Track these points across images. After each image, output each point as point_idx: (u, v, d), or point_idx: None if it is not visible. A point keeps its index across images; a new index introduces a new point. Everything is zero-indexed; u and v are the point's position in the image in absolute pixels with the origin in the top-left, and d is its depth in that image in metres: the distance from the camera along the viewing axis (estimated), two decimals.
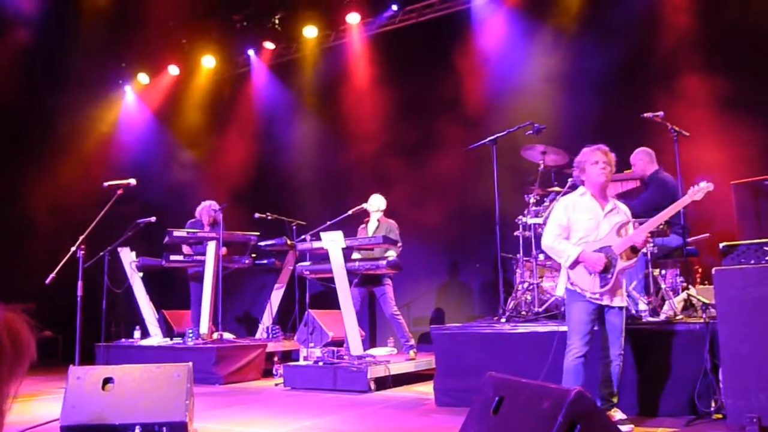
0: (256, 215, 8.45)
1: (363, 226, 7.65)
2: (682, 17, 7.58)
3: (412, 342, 7.25)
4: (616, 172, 6.32)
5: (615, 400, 4.17)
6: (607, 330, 4.21)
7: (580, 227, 4.28)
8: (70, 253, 5.50)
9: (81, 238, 5.55)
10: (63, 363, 5.35)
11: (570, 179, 6.15)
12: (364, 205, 7.50)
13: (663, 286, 5.22)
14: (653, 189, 5.86)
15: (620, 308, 4.21)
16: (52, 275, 5.40)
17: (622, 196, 6.06)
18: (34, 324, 1.22)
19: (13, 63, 9.54)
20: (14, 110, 9.89)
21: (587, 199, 4.33)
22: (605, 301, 4.17)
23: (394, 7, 9.72)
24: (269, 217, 8.50)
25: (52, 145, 10.48)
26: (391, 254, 7.07)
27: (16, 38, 9.71)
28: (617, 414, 4.07)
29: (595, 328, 4.22)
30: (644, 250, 5.25)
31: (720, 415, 4.19)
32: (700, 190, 4.14)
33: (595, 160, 4.25)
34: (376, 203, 7.54)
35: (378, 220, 7.52)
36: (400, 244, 7.28)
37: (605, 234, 4.21)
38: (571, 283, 4.26)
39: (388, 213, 7.67)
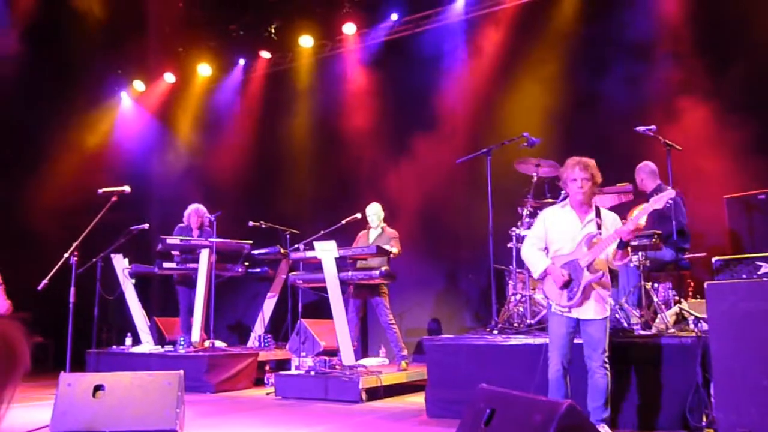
0: (250, 223, 8.44)
1: (364, 232, 7.63)
2: (677, 31, 7.64)
3: (405, 352, 7.24)
4: (609, 185, 6.41)
5: (605, 415, 4.10)
6: (586, 343, 4.22)
7: (556, 239, 4.32)
8: (63, 259, 5.49)
9: (74, 244, 5.54)
10: (54, 369, 5.32)
11: (563, 191, 6.18)
12: (360, 215, 7.51)
13: (655, 299, 5.23)
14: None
15: (600, 320, 4.17)
16: (45, 281, 5.38)
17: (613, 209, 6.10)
18: (29, 333, 1.23)
19: (8, 70, 9.51)
20: (10, 117, 9.86)
21: (567, 212, 4.36)
22: (575, 314, 4.18)
23: (394, 17, 9.73)
24: (263, 226, 8.49)
25: (48, 151, 10.45)
26: (392, 253, 7.09)
27: (11, 45, 9.69)
28: (602, 431, 4.05)
29: (576, 340, 4.25)
30: (636, 263, 5.28)
31: (711, 430, 4.19)
32: (660, 198, 4.09)
33: (573, 177, 4.26)
34: (376, 212, 7.54)
35: (382, 229, 7.52)
36: (398, 250, 7.27)
37: (576, 246, 4.22)
38: (544, 295, 4.34)
39: (386, 222, 7.66)
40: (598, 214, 4.29)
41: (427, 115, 9.27)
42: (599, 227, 4.22)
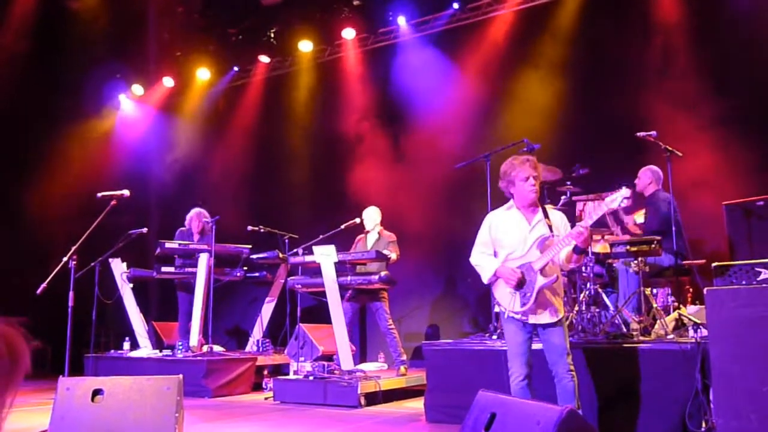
0: (249, 228, 8.43)
1: (361, 236, 7.63)
2: (676, 35, 7.66)
3: (404, 357, 7.23)
4: (608, 191, 6.41)
5: None
6: (548, 350, 4.09)
7: (506, 243, 4.15)
8: (62, 263, 5.47)
9: (73, 248, 5.53)
10: (52, 373, 5.31)
11: (563, 196, 6.19)
12: (359, 219, 7.51)
13: (654, 305, 5.23)
14: (650, 210, 5.92)
15: (557, 323, 4.04)
16: (44, 285, 5.37)
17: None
18: (29, 336, 1.24)
19: (8, 73, 9.52)
20: (8, 120, 9.86)
21: (513, 213, 4.18)
22: (531, 320, 4.04)
23: (402, 21, 9.71)
24: (262, 230, 8.49)
25: (47, 155, 10.44)
26: (390, 258, 7.08)
27: (10, 48, 9.69)
28: None
29: (537, 346, 4.14)
30: (635, 268, 5.28)
31: None
32: (614, 199, 3.93)
33: (525, 175, 4.08)
34: (373, 216, 7.54)
35: (378, 233, 7.52)
36: (397, 255, 7.26)
37: (528, 249, 4.06)
38: (496, 302, 4.18)
39: (383, 226, 7.66)
40: (546, 215, 4.15)
41: (426, 119, 9.28)
42: (551, 228, 4.09)
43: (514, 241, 4.12)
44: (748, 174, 6.70)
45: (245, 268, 8.67)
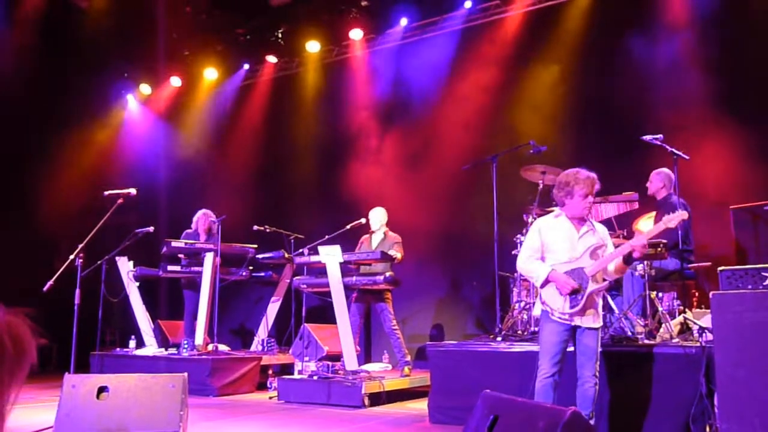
0: (255, 227, 8.45)
1: (366, 237, 7.64)
2: (684, 37, 7.65)
3: (408, 358, 7.23)
4: (615, 194, 6.41)
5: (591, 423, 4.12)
6: (580, 351, 4.18)
7: (555, 249, 4.25)
8: (69, 261, 5.50)
9: (80, 246, 5.56)
10: (58, 371, 5.33)
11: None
12: (364, 219, 7.52)
13: (660, 308, 5.22)
14: (661, 215, 5.91)
15: (594, 329, 4.16)
16: (50, 282, 5.40)
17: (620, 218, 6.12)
18: (35, 328, 1.23)
19: (16, 72, 9.56)
20: (17, 119, 9.90)
21: (562, 221, 4.29)
22: (576, 322, 4.13)
23: (404, 22, 9.73)
24: (267, 230, 8.50)
25: (56, 154, 10.48)
26: (395, 258, 7.09)
27: (19, 47, 9.74)
28: None
29: (569, 349, 4.22)
30: (640, 272, 5.27)
31: None
32: (673, 218, 4.09)
33: (586, 192, 4.18)
34: (379, 217, 7.54)
35: (384, 234, 7.52)
36: (401, 255, 7.27)
37: (579, 255, 4.18)
38: (543, 303, 4.26)
39: (388, 227, 7.66)
40: (591, 226, 4.29)
41: (432, 120, 9.29)
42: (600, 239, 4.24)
43: (564, 247, 4.24)
44: (754, 177, 6.68)
45: (251, 267, 8.68)
